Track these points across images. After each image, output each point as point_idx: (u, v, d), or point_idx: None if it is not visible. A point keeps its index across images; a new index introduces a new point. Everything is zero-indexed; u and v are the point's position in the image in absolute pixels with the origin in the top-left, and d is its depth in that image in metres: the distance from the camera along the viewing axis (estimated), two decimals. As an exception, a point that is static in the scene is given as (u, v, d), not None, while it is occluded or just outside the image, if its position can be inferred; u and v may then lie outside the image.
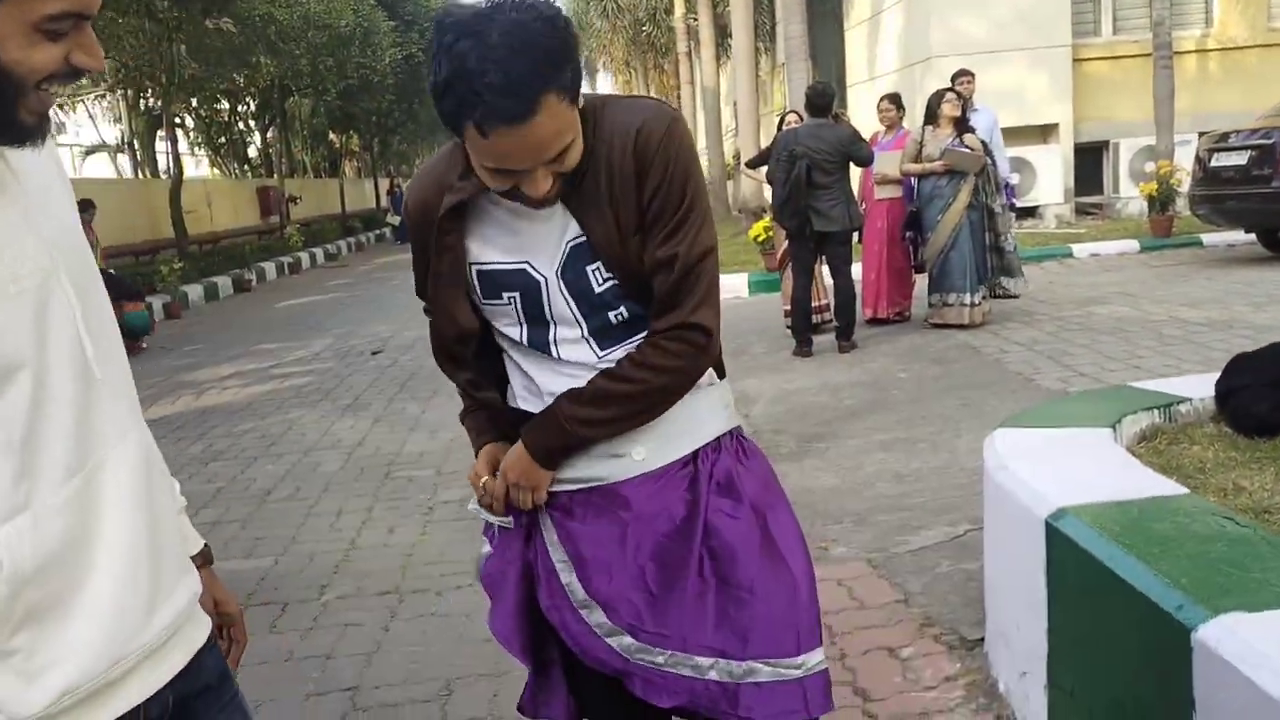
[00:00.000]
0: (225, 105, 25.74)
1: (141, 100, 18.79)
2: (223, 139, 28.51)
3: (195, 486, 5.57)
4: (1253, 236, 10.06)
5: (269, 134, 27.06)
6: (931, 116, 7.73)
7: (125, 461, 1.21)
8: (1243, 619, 1.66)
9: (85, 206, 10.51)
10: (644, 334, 1.58)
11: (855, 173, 8.08)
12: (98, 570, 1.15)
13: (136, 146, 22.00)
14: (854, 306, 7.57)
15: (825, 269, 7.83)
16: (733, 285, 10.96)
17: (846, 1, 18.11)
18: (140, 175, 22.23)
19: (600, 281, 1.56)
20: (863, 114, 15.11)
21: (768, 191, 9.24)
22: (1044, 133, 14.35)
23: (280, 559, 4.38)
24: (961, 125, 7.67)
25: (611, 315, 1.58)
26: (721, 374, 1.73)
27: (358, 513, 4.91)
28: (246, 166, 29.28)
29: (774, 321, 8.74)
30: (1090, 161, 14.80)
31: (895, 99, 8.67)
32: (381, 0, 24.08)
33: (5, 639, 1.07)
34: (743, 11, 16.81)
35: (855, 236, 7.72)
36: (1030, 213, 14.10)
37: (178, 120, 22.53)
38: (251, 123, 28.12)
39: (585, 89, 1.49)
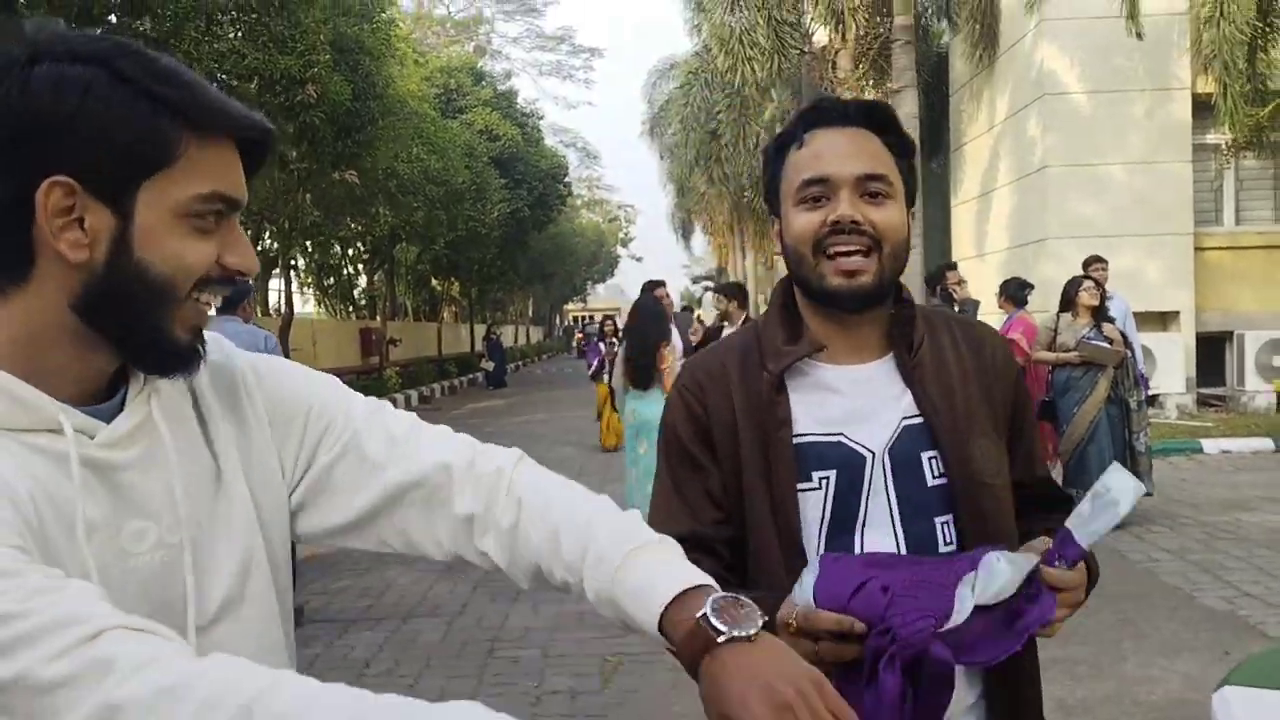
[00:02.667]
0: (337, 249, 26.69)
1: (259, 242, 19.52)
2: (331, 280, 29.48)
3: (291, 651, 5.32)
4: (1405, 444, 9.41)
5: (375, 277, 27.91)
6: (1068, 304, 7.44)
7: None
8: None
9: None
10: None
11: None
12: None
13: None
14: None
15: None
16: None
17: (954, 178, 18.18)
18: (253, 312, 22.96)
19: (934, 475, 1.33)
20: (970, 290, 14.90)
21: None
22: (1164, 320, 13.92)
23: (380, 748, 4.05)
24: (1100, 315, 7.37)
25: (939, 525, 1.33)
26: None
27: (460, 696, 4.55)
28: (351, 307, 30.14)
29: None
30: (1211, 351, 14.27)
31: (1004, 287, 8.48)
32: (495, 159, 24.96)
33: None
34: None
35: None
36: (1151, 401, 13.54)
37: (291, 262, 23.36)
38: (360, 265, 29.10)
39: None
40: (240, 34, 11.06)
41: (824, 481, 1.34)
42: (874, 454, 1.34)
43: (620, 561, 1.02)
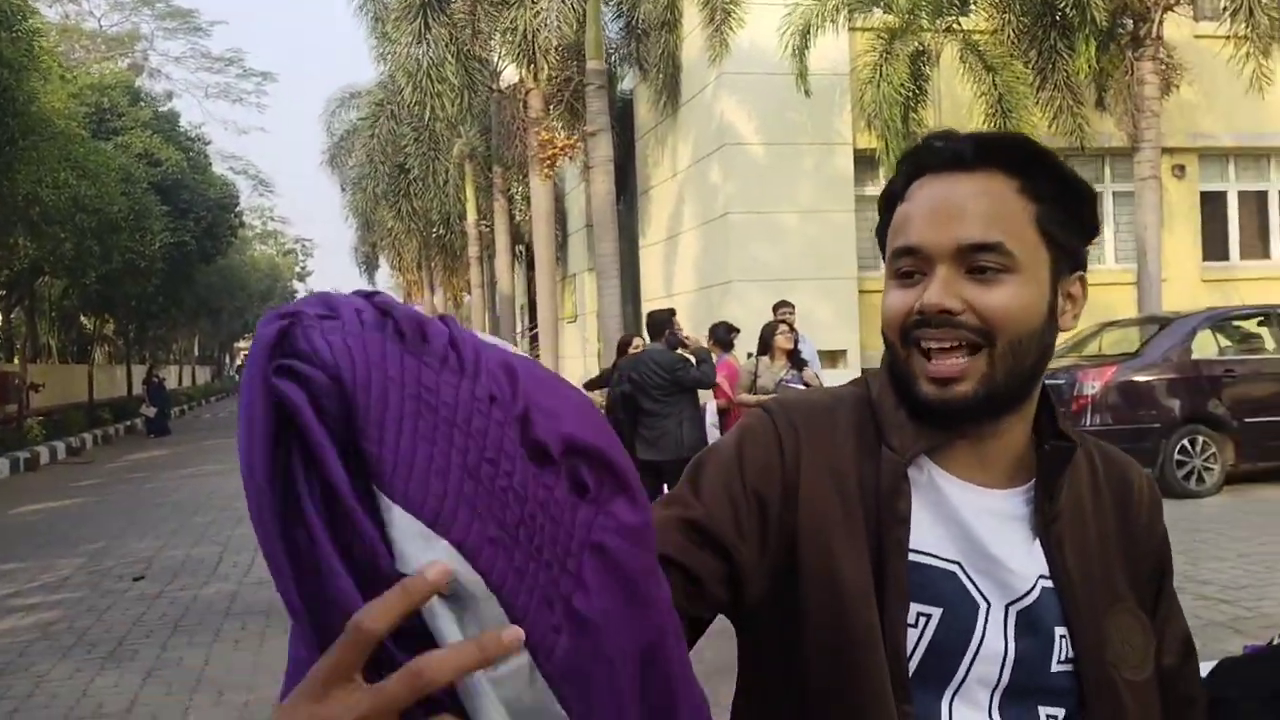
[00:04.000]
0: (-37, 282, 23.47)
1: None
2: (-45, 316, 25.87)
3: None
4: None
5: (13, 314, 24.78)
6: (765, 347, 7.73)
7: None
8: None
9: None
10: None
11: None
12: None
13: None
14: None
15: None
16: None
17: (642, 220, 18.74)
18: None
19: (1060, 658, 1.00)
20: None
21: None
22: (834, 358, 14.96)
23: None
24: (795, 358, 7.70)
25: (1044, 716, 1.01)
26: None
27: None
28: (-19, 348, 26.56)
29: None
30: (874, 385, 15.50)
31: (712, 331, 8.74)
32: (156, 185, 22.95)
33: None
34: (544, 225, 17.07)
35: None
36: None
37: (-96, 296, 20.27)
38: (-7, 301, 25.76)
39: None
40: None
41: (923, 621, 0.98)
42: (989, 605, 0.99)
43: None
